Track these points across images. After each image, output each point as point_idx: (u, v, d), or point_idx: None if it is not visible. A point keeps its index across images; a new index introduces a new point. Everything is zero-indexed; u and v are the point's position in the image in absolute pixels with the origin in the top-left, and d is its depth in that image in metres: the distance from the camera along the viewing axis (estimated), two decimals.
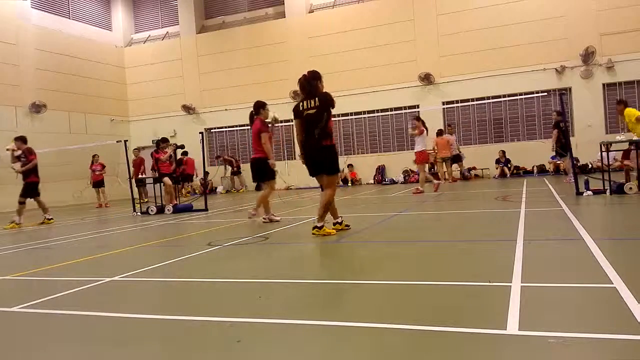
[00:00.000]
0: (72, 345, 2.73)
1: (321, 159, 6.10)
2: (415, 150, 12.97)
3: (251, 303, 3.32)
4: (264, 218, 8.20)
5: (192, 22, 24.00)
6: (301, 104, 6.16)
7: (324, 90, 6.21)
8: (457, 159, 17.41)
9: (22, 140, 11.40)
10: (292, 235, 6.75)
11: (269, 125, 8.17)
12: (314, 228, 6.15)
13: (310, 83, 6.19)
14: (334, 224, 6.38)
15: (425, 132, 12.71)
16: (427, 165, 13.74)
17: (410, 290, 3.40)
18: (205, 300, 3.52)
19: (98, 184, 17.53)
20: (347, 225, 6.49)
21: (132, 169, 14.29)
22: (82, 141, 19.63)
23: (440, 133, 17.97)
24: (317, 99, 6.03)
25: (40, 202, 11.40)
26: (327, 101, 6.03)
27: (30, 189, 11.25)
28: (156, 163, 12.34)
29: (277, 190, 8.44)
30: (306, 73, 6.31)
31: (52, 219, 11.34)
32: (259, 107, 8.25)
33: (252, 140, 8.14)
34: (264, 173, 8.08)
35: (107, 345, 2.66)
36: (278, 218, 8.24)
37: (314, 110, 6.00)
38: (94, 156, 17.72)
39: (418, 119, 13.08)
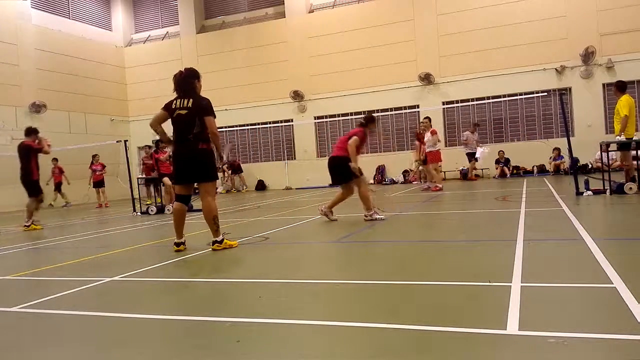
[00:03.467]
0: (72, 345, 2.73)
1: (196, 164, 5.41)
2: (429, 150, 13.19)
3: (251, 303, 3.32)
4: (365, 216, 7.45)
5: (192, 22, 24.00)
6: (174, 101, 5.57)
7: (200, 91, 5.65)
8: (472, 155, 17.12)
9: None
10: (292, 235, 6.75)
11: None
12: (213, 243, 5.52)
13: (187, 81, 5.56)
14: (176, 244, 5.60)
15: (436, 132, 13.14)
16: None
17: (410, 290, 3.40)
18: (206, 300, 3.52)
19: (98, 184, 17.53)
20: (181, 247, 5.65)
21: (136, 167, 14.13)
22: (82, 141, 19.63)
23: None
24: (191, 100, 5.45)
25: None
26: (202, 108, 5.41)
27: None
28: (156, 163, 12.35)
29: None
30: (183, 70, 5.67)
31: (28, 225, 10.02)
32: (370, 120, 7.69)
33: (341, 139, 7.58)
34: (348, 174, 7.39)
35: (107, 345, 2.66)
36: (382, 216, 7.46)
37: (186, 112, 5.42)
38: (94, 156, 17.72)
39: (429, 119, 13.61)
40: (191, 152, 5.41)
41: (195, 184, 5.73)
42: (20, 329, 3.09)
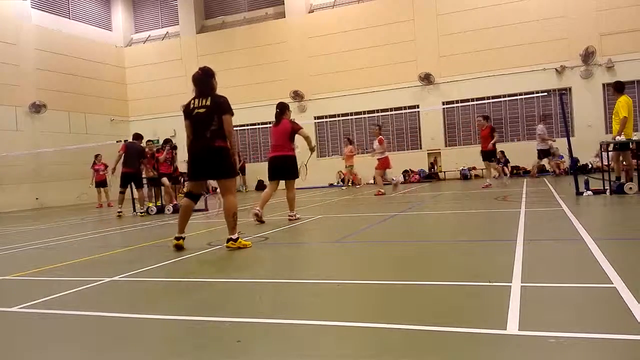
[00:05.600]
0: (72, 345, 2.73)
1: (214, 161, 5.42)
2: (381, 158, 13.36)
3: (251, 303, 3.32)
4: (289, 216, 8.17)
5: (192, 22, 24.00)
6: (192, 101, 5.59)
7: (217, 89, 5.68)
8: (546, 153, 15.49)
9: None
10: (292, 236, 6.75)
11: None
12: (228, 241, 5.47)
13: (206, 80, 5.58)
14: (176, 237, 5.64)
15: (383, 141, 13.46)
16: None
17: (410, 290, 3.40)
18: (206, 300, 3.52)
19: (101, 183, 17.54)
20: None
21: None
22: (82, 141, 19.66)
23: (349, 141, 18.68)
24: (209, 98, 5.48)
25: (139, 193, 12.04)
26: (220, 105, 5.47)
27: (121, 179, 12.04)
28: (156, 162, 12.41)
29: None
30: (199, 70, 5.67)
31: (143, 212, 11.88)
32: (286, 108, 8.28)
33: (278, 139, 8.07)
34: (293, 171, 8.10)
35: (107, 345, 2.66)
36: (299, 215, 8.25)
37: (204, 110, 5.45)
38: (96, 156, 17.70)
39: (380, 127, 13.98)
40: (207, 149, 5.43)
41: (214, 182, 5.76)
42: (20, 329, 3.09)
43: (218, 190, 6.60)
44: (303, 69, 21.80)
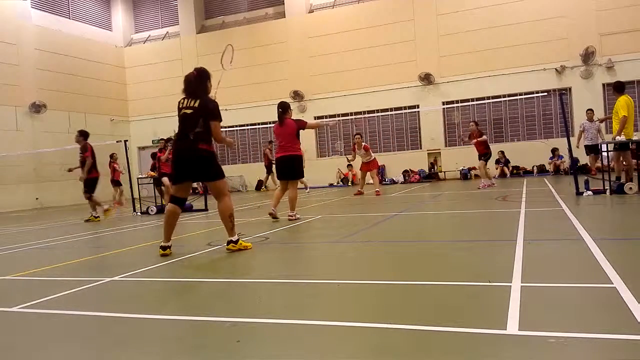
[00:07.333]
0: (72, 345, 2.73)
1: (199, 164, 5.29)
2: (370, 160, 14.00)
3: (251, 303, 3.32)
4: (289, 216, 8.29)
5: (192, 22, 24.01)
6: (181, 101, 5.49)
7: (211, 90, 5.58)
8: (594, 149, 13.58)
9: (81, 134, 11.36)
10: (292, 235, 6.75)
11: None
12: (228, 243, 5.38)
13: (199, 82, 5.43)
14: (162, 247, 5.44)
15: (369, 148, 14.10)
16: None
17: (410, 290, 3.40)
18: (206, 300, 3.52)
19: (119, 182, 17.55)
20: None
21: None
22: None
23: None
24: (198, 101, 5.33)
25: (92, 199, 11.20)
26: (209, 110, 5.31)
27: (90, 184, 11.18)
28: (158, 162, 12.44)
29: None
30: (194, 71, 5.50)
31: (98, 217, 11.10)
32: (288, 107, 8.45)
33: (284, 139, 8.22)
34: (299, 171, 8.31)
35: (107, 345, 2.66)
36: (299, 216, 8.43)
37: (191, 111, 5.32)
38: (112, 155, 17.69)
39: (361, 135, 14.53)
40: (190, 151, 5.32)
41: (201, 184, 5.72)
42: (20, 329, 3.09)
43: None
44: (303, 69, 21.81)
